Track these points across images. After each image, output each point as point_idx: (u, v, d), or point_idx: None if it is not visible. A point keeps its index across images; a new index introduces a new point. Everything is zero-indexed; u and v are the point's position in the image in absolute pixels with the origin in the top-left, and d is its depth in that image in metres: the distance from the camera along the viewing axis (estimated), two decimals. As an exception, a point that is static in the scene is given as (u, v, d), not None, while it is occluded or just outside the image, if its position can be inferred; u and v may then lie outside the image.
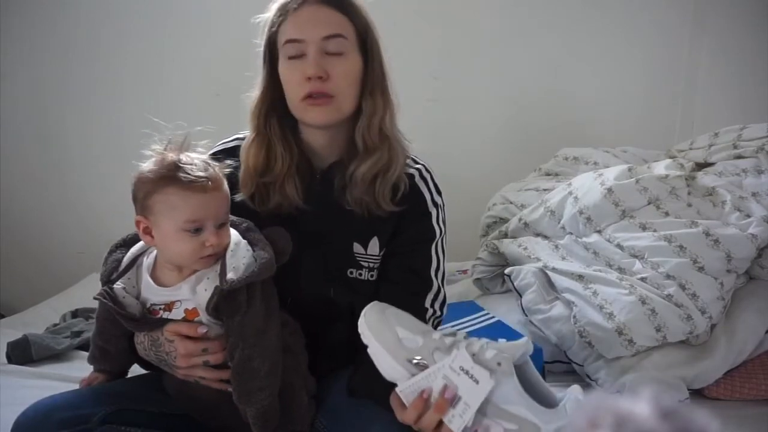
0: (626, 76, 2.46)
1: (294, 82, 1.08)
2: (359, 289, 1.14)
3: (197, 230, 0.98)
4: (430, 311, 1.13)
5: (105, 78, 2.50)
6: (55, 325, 1.82)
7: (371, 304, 0.99)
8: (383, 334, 0.88)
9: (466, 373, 0.85)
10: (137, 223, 1.02)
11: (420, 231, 1.15)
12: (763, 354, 1.42)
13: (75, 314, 1.88)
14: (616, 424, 0.41)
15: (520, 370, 0.88)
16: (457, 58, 2.45)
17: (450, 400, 0.88)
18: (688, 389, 1.36)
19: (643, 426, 0.40)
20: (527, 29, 2.45)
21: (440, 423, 0.90)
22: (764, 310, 1.46)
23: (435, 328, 1.12)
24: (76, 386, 1.15)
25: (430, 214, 1.15)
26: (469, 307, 1.69)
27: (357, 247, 1.14)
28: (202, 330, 1.00)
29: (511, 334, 1.50)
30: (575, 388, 0.88)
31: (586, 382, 1.44)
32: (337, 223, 1.13)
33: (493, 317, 1.60)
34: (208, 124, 1.28)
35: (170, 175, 0.98)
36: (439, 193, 1.17)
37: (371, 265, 1.14)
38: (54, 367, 1.56)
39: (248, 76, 1.18)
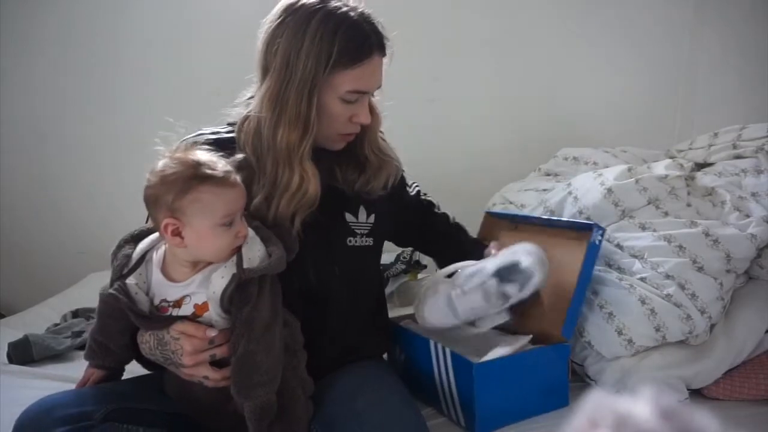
0: (626, 77, 2.46)
1: (342, 120, 1.15)
2: (361, 257, 1.24)
3: (230, 223, 1.01)
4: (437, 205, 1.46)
5: (105, 78, 2.50)
6: (56, 325, 1.82)
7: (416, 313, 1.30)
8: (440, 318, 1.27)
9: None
10: (165, 226, 0.99)
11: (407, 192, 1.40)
12: (762, 354, 1.43)
13: (75, 314, 1.88)
14: (616, 424, 0.41)
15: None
16: (457, 58, 2.46)
17: None
18: (688, 389, 1.36)
19: (643, 426, 0.40)
20: (527, 29, 2.45)
21: None
22: (764, 310, 1.45)
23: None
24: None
25: (404, 176, 1.36)
26: None
27: (349, 217, 1.23)
28: (210, 333, 1.01)
29: None
30: None
31: (586, 382, 1.44)
32: (326, 199, 1.18)
33: None
34: (208, 122, 1.29)
35: (201, 174, 0.99)
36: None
37: (363, 231, 1.24)
38: (55, 368, 1.56)
39: (248, 75, 1.18)
